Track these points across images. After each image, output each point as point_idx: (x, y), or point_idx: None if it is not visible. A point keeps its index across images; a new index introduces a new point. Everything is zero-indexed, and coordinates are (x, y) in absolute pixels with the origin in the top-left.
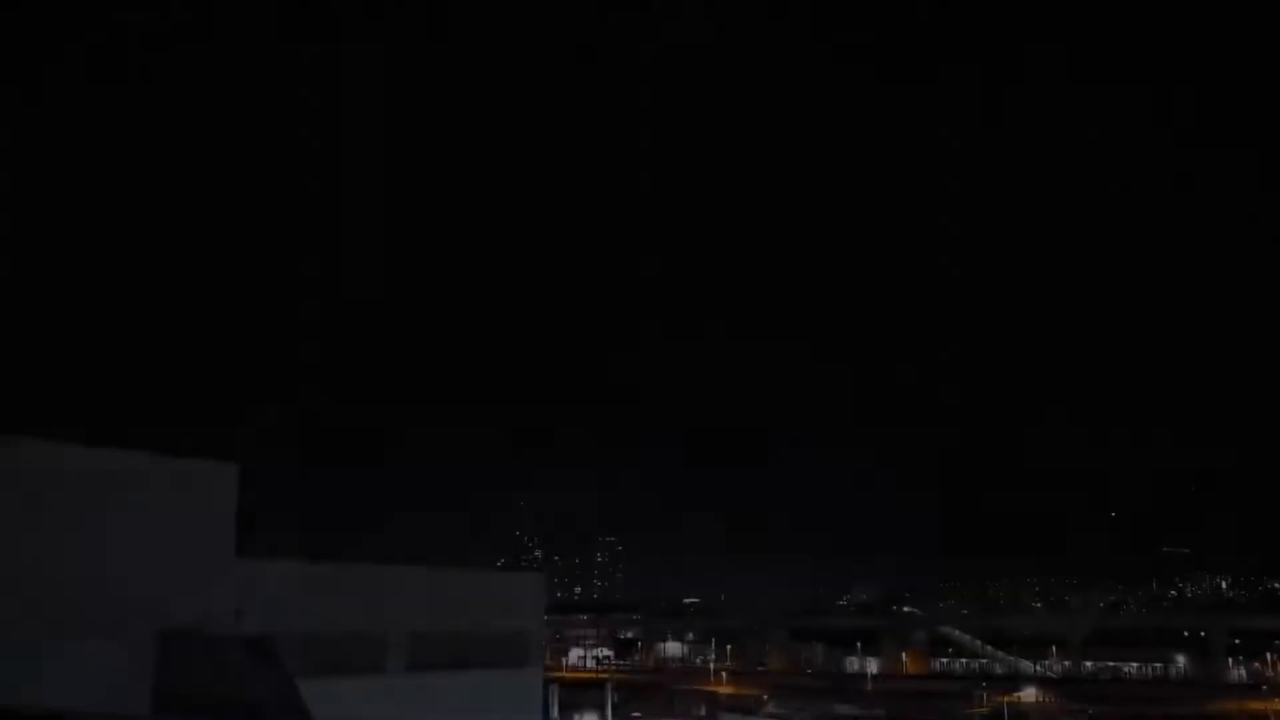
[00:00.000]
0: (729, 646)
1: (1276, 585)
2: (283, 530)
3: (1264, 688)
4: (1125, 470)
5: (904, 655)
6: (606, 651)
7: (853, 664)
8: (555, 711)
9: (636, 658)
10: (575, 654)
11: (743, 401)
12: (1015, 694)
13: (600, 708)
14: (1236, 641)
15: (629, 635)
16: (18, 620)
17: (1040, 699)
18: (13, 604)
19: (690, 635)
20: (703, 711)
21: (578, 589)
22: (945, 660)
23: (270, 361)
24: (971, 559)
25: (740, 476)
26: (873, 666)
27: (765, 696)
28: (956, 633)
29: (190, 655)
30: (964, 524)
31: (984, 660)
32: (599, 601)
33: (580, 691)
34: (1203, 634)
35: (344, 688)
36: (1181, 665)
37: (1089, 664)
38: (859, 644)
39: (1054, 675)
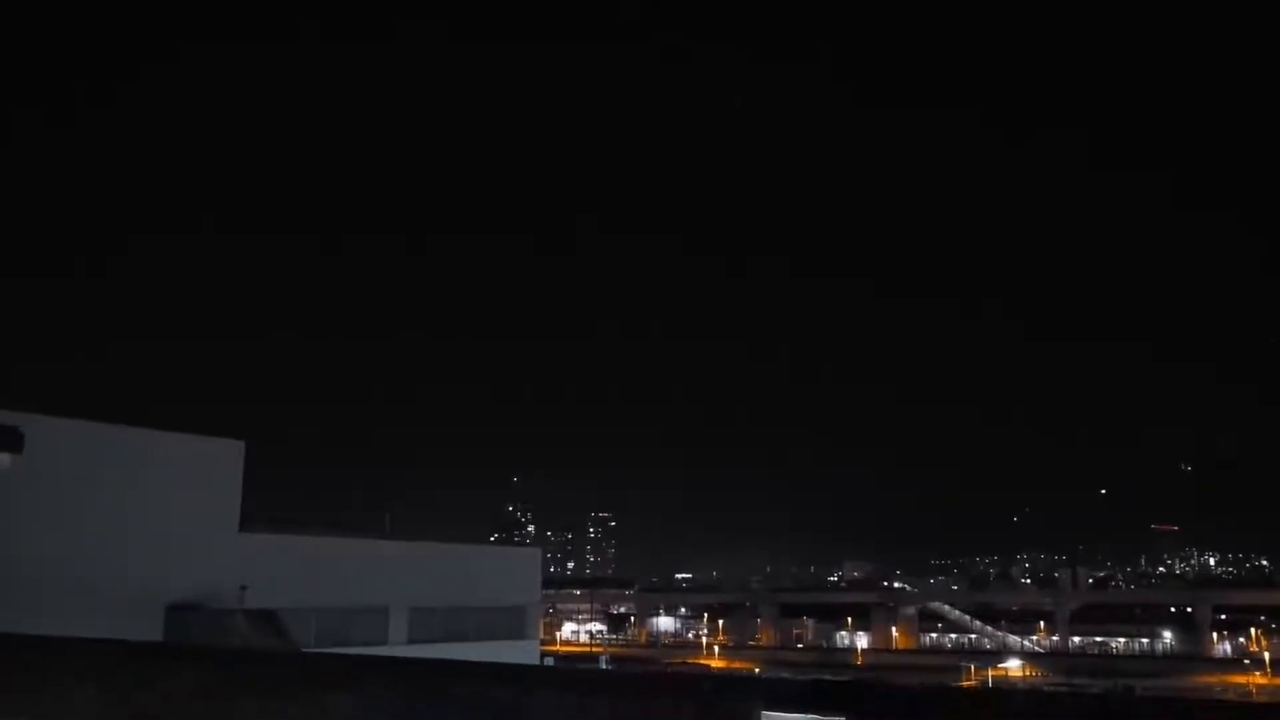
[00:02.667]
0: (721, 621)
1: (1263, 562)
2: (282, 505)
3: (1247, 662)
4: (1118, 451)
5: (894, 630)
6: (599, 626)
7: (843, 639)
8: None
9: (629, 632)
10: (568, 628)
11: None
12: (1001, 667)
13: None
14: (1223, 617)
15: (621, 610)
16: (24, 595)
17: (1025, 672)
18: (18, 578)
19: (682, 610)
20: None
21: (570, 564)
22: (935, 635)
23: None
24: (962, 536)
25: (736, 458)
26: (862, 641)
27: (756, 670)
28: (946, 608)
29: (196, 628)
30: (956, 503)
31: (973, 635)
32: (591, 577)
33: (574, 664)
34: (1189, 609)
35: None
36: (1168, 640)
37: (1076, 639)
38: (849, 619)
39: (1041, 650)
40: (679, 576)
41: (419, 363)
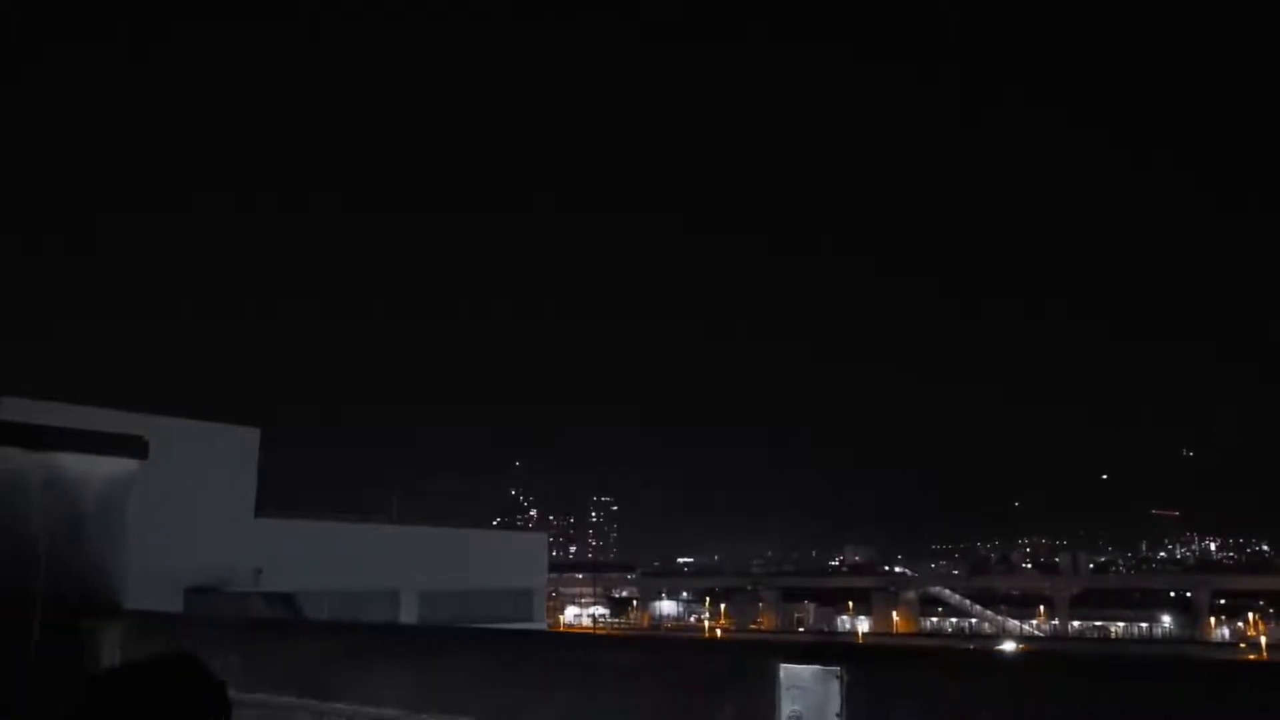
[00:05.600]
0: (722, 605)
1: (1264, 547)
2: (294, 490)
3: (1243, 646)
4: (1119, 436)
5: (894, 614)
6: (602, 610)
7: (844, 623)
8: None
9: (631, 616)
10: (571, 612)
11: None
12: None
13: None
14: (1221, 601)
15: (624, 594)
16: None
17: None
18: None
19: (684, 594)
20: None
21: (572, 548)
22: (935, 619)
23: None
24: (964, 520)
25: (737, 442)
26: (863, 625)
27: None
28: (946, 592)
29: (215, 611)
30: (958, 487)
31: (973, 619)
32: (594, 561)
33: None
34: (1188, 594)
35: None
36: (1166, 624)
37: (1075, 623)
38: (850, 603)
39: (1040, 634)
40: (681, 561)
41: (419, 347)
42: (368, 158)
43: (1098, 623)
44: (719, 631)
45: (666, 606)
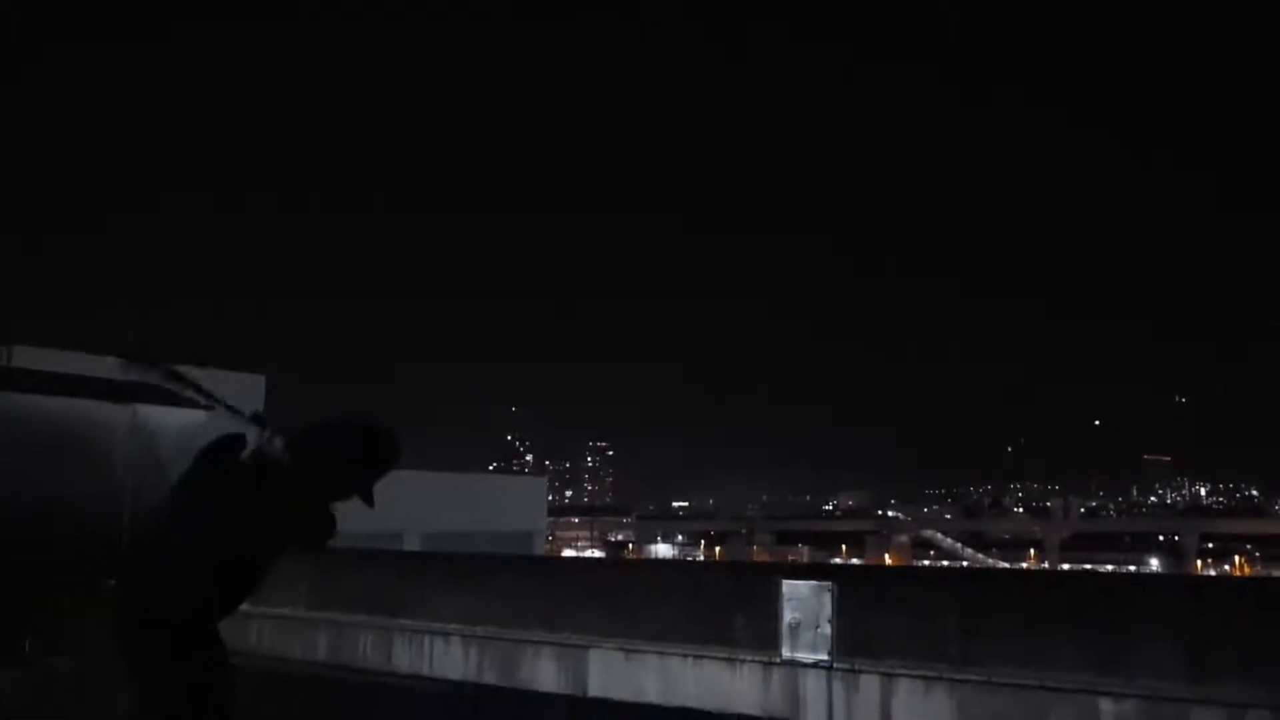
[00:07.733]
0: (717, 549)
1: (1253, 492)
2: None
3: None
4: (1111, 384)
5: (887, 557)
6: (598, 553)
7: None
8: None
9: (628, 558)
10: (568, 555)
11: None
12: None
13: None
14: (1209, 545)
15: (619, 537)
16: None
17: None
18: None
19: (680, 537)
20: None
21: (569, 493)
22: (927, 562)
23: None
24: (958, 465)
25: (732, 387)
26: None
27: None
28: (939, 536)
29: None
30: (952, 432)
31: (964, 562)
32: (589, 505)
33: None
34: (1176, 538)
35: None
36: (1154, 567)
37: (1065, 566)
38: (844, 547)
39: None
40: (676, 504)
41: (420, 332)
42: (369, 158)
43: (1087, 565)
44: None
45: (662, 549)
